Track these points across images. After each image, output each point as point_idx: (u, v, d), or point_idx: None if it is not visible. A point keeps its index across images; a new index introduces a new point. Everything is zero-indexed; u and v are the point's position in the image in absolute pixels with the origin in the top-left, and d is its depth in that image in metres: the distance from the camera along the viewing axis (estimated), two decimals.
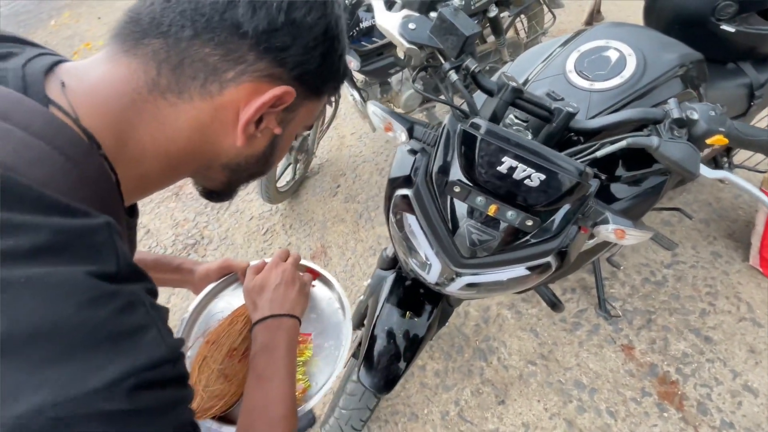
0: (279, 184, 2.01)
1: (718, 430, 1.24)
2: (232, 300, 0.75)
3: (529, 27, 2.12)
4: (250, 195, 2.24)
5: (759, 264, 1.52)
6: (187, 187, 2.41)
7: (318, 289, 0.78)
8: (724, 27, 1.01)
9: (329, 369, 0.67)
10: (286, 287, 0.63)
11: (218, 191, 0.49)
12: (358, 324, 1.24)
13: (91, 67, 0.37)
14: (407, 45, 0.67)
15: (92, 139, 0.34)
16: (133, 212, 0.47)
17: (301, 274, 0.69)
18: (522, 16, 2.02)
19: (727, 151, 1.40)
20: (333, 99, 1.95)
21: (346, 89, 1.80)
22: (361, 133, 2.48)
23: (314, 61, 0.39)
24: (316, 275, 0.78)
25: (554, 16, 2.05)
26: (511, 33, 2.06)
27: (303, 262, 0.79)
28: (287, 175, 2.10)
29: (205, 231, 2.13)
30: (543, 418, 1.32)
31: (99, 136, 0.34)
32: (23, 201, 0.28)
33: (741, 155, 1.50)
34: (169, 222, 2.21)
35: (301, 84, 0.40)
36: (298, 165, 2.08)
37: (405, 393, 1.42)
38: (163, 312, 0.34)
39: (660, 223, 1.74)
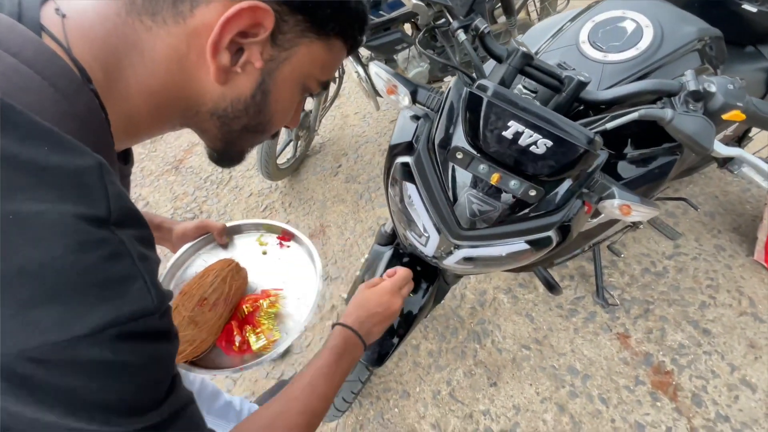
0: (279, 161, 1.98)
1: (712, 423, 1.23)
2: (208, 258, 0.79)
3: (541, 8, 2.06)
4: (250, 171, 2.22)
5: (764, 259, 1.50)
6: (187, 161, 2.39)
7: (294, 248, 0.82)
8: (746, 6, 0.97)
9: (298, 321, 0.71)
10: (380, 321, 0.63)
11: (219, 150, 0.45)
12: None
13: None
14: (414, 1, 0.64)
15: (83, 72, 0.32)
16: (126, 159, 0.45)
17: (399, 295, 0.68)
18: None
19: (739, 140, 1.36)
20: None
21: (350, 65, 1.76)
22: (364, 112, 2.44)
23: None
24: (291, 236, 0.83)
25: None
26: (522, 14, 2.00)
27: (276, 223, 0.83)
28: (288, 153, 2.07)
29: (204, 205, 2.11)
30: (534, 402, 1.32)
31: (89, 68, 0.32)
32: (17, 128, 0.26)
33: (753, 146, 1.47)
34: (168, 195, 2.19)
35: (290, 10, 0.35)
36: (299, 142, 2.05)
37: (398, 371, 1.42)
38: (153, 263, 0.33)
39: (664, 214, 1.71)
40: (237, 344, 0.68)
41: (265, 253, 0.82)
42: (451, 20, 0.65)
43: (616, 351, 1.40)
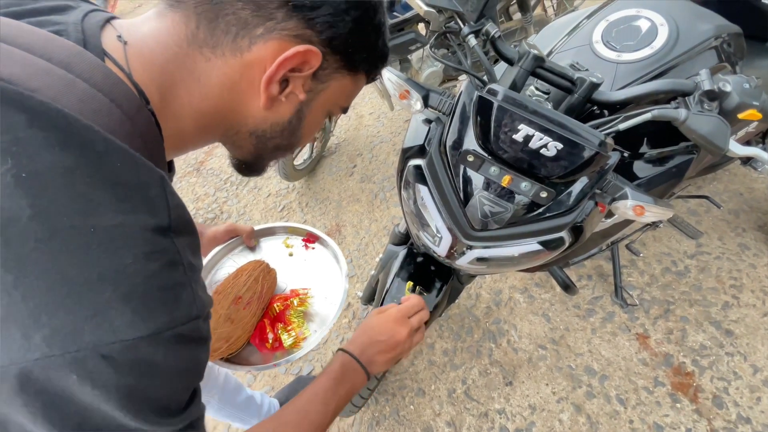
0: (296, 162, 2.02)
1: (733, 425, 1.20)
2: (238, 260, 0.82)
3: (558, 4, 2.03)
4: (268, 173, 2.26)
5: None
6: (208, 163, 2.46)
7: (319, 250, 0.85)
8: (767, 1, 0.94)
9: (326, 319, 0.74)
10: (384, 350, 0.61)
11: (248, 163, 0.49)
12: (369, 298, 1.25)
13: (141, 22, 0.38)
14: (425, 8, 0.65)
15: (142, 95, 0.36)
16: (170, 169, 0.49)
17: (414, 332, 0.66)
18: None
19: (763, 137, 1.32)
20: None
21: None
22: (379, 113, 2.46)
23: (345, 25, 0.39)
24: (316, 239, 0.85)
25: None
26: (538, 10, 1.98)
27: (302, 226, 0.87)
28: (304, 154, 2.11)
29: (225, 206, 2.17)
30: (550, 401, 1.32)
31: (147, 90, 0.36)
32: (95, 147, 0.29)
33: None
34: (190, 196, 2.26)
35: (331, 51, 0.40)
36: (316, 143, 2.09)
37: (413, 369, 1.44)
38: (198, 270, 0.36)
39: (686, 212, 1.68)
40: (270, 341, 0.72)
41: (291, 254, 0.86)
42: (461, 26, 0.66)
43: (635, 351, 1.38)
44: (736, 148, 0.62)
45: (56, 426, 0.27)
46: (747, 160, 1.24)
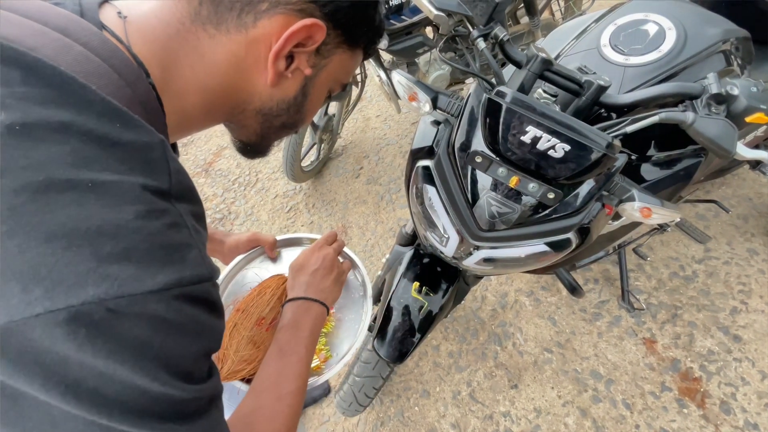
0: (303, 164, 2.04)
1: (741, 431, 1.19)
2: (259, 271, 0.79)
3: (566, 7, 2.04)
4: (275, 174, 2.29)
5: None
6: (216, 164, 2.49)
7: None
8: None
9: (349, 341, 0.70)
10: (323, 274, 0.63)
11: (252, 144, 0.49)
12: (375, 298, 1.26)
13: (141, 0, 0.38)
14: (435, 12, 0.67)
15: (141, 66, 0.35)
16: (173, 151, 0.49)
17: (340, 260, 0.68)
18: None
19: None
20: (360, 80, 1.95)
21: (372, 69, 1.80)
22: (386, 115, 2.48)
23: None
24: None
25: None
26: (546, 14, 1.99)
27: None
28: (311, 155, 2.13)
29: (232, 207, 2.19)
30: (556, 405, 1.31)
31: (147, 63, 0.35)
32: (93, 106, 0.29)
33: None
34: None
35: (333, 25, 0.40)
36: (323, 145, 2.10)
37: (418, 370, 1.44)
38: (204, 236, 0.35)
39: (695, 217, 1.67)
40: None
41: None
42: (471, 29, 0.67)
43: (642, 356, 1.37)
44: (744, 152, 0.62)
45: (71, 392, 0.25)
46: (756, 165, 1.24)
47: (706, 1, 1.04)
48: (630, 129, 0.64)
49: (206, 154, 2.57)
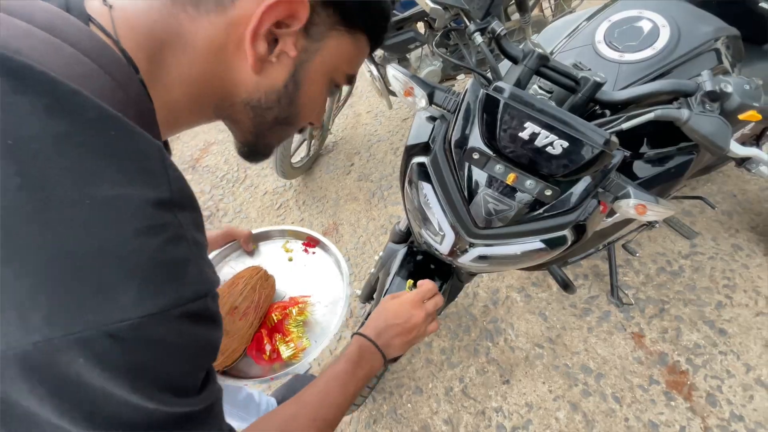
0: (293, 160, 2.01)
1: (727, 422, 1.22)
2: (235, 266, 0.79)
3: (556, 5, 2.05)
4: (264, 170, 2.26)
5: None
6: (203, 160, 2.44)
7: (320, 254, 0.82)
8: (763, 4, 0.96)
9: (327, 329, 0.71)
10: (401, 332, 0.60)
11: (250, 144, 0.46)
12: (368, 296, 1.25)
13: None
14: (432, 5, 0.65)
15: (131, 63, 0.33)
16: (166, 148, 0.47)
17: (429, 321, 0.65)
18: None
19: (757, 139, 1.34)
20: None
21: (363, 65, 1.78)
22: (377, 111, 2.46)
23: None
24: (317, 242, 0.83)
25: None
26: (536, 11, 1.99)
27: (302, 229, 0.84)
28: (301, 151, 2.10)
29: (221, 204, 2.15)
30: (547, 400, 1.32)
31: (135, 58, 0.34)
32: (86, 113, 0.27)
33: None
34: None
35: (323, 3, 0.37)
36: (313, 141, 2.08)
37: (411, 367, 1.44)
38: (203, 247, 0.34)
39: (681, 213, 1.70)
40: (267, 353, 0.69)
41: (291, 259, 0.83)
42: (467, 23, 0.66)
43: (631, 350, 1.39)
44: (737, 149, 0.63)
45: (67, 415, 0.25)
46: (741, 162, 1.26)
47: None
48: (626, 126, 0.64)
49: (193, 150, 2.52)
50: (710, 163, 1.23)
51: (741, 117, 0.63)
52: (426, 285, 0.66)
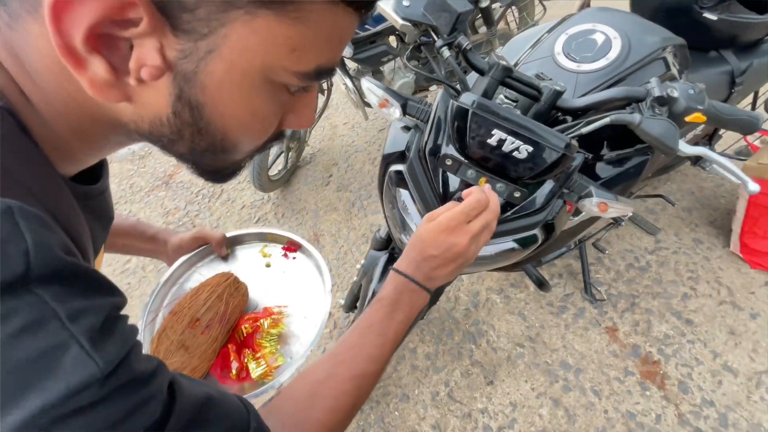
0: (271, 173, 2.01)
1: (698, 408, 1.28)
2: (206, 272, 0.71)
3: (520, 18, 2.15)
4: (241, 184, 2.24)
5: (739, 250, 1.58)
6: (177, 176, 2.40)
7: (300, 260, 0.75)
8: (707, 15, 1.04)
9: (304, 344, 0.63)
10: (445, 263, 0.49)
11: (199, 171, 0.36)
12: (351, 305, 1.26)
13: None
14: (402, 21, 0.69)
15: None
16: (96, 176, 0.38)
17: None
18: (513, 7, 2.05)
19: (710, 139, 1.44)
20: (325, 86, 1.95)
21: (338, 77, 1.81)
22: (353, 122, 2.49)
23: None
24: (297, 247, 0.76)
25: (544, 8, 2.08)
26: (502, 24, 2.08)
27: (282, 232, 0.77)
28: (279, 164, 2.11)
29: (197, 219, 2.12)
30: (530, 398, 1.36)
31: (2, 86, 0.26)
32: None
33: (722, 143, 1.55)
34: (159, 210, 2.20)
35: None
36: (290, 153, 2.09)
37: (396, 375, 1.45)
38: (94, 314, 0.25)
39: (645, 211, 1.79)
40: (234, 371, 0.60)
41: (268, 265, 0.75)
42: (435, 38, 0.70)
43: (606, 344, 1.45)
44: (686, 148, 0.68)
45: None
46: (696, 161, 1.35)
47: (645, 11, 1.13)
48: (585, 130, 0.69)
49: (166, 165, 2.48)
50: (667, 163, 1.32)
51: (687, 119, 0.69)
52: (472, 198, 0.50)
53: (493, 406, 1.36)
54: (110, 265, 1.97)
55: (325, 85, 1.94)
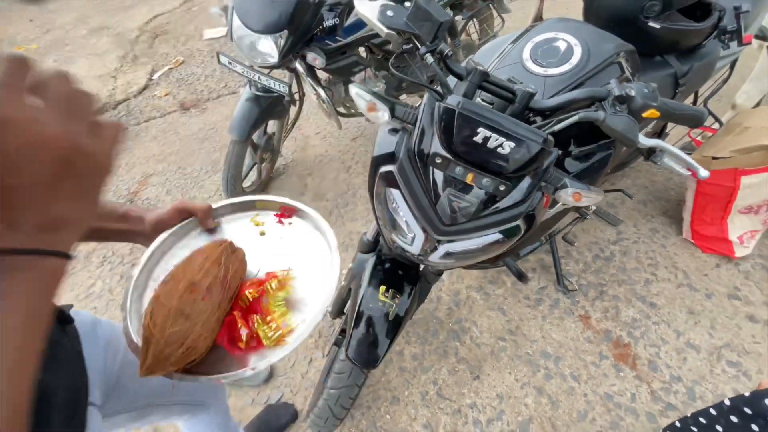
0: (245, 185, 1.99)
1: (668, 384, 1.38)
2: (193, 247, 0.62)
3: (480, 30, 2.27)
4: (214, 197, 2.20)
5: (691, 237, 1.73)
6: (142, 193, 2.32)
7: (298, 224, 0.69)
8: (651, 24, 1.16)
9: (316, 305, 0.57)
10: (38, 173, 0.30)
11: None
12: (338, 311, 1.27)
13: None
14: (386, 30, 0.73)
15: None
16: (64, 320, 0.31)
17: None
18: (474, 20, 2.16)
19: (659, 134, 1.58)
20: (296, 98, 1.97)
21: (310, 88, 1.84)
22: (325, 132, 2.51)
23: None
24: (293, 211, 0.70)
25: (503, 20, 2.21)
26: (464, 35, 2.20)
27: (274, 198, 0.71)
28: (252, 176, 2.09)
29: None
30: (515, 389, 1.41)
31: None
32: None
33: (669, 140, 1.70)
34: None
35: None
36: (264, 165, 2.07)
37: (385, 378, 1.46)
38: None
39: (606, 205, 1.92)
40: (244, 339, 0.54)
41: (263, 233, 0.68)
42: (419, 46, 0.75)
43: (580, 332, 1.54)
44: (645, 141, 0.76)
45: None
46: (649, 156, 1.47)
47: (597, 21, 1.24)
48: (557, 128, 0.75)
49: (129, 183, 2.39)
50: (624, 159, 1.43)
51: (644, 115, 0.77)
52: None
53: (481, 400, 1.40)
54: (73, 290, 1.87)
55: (296, 96, 1.96)
